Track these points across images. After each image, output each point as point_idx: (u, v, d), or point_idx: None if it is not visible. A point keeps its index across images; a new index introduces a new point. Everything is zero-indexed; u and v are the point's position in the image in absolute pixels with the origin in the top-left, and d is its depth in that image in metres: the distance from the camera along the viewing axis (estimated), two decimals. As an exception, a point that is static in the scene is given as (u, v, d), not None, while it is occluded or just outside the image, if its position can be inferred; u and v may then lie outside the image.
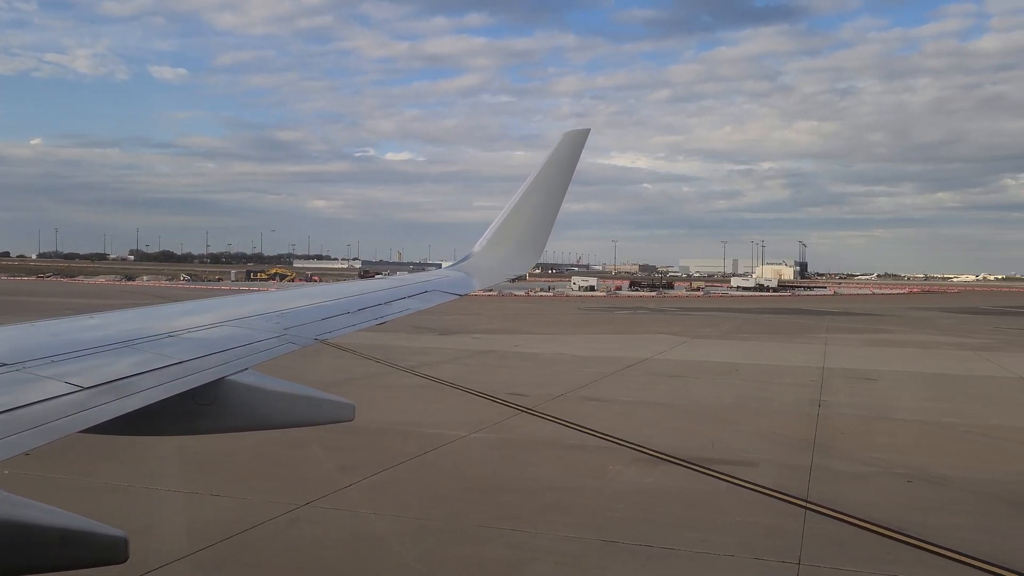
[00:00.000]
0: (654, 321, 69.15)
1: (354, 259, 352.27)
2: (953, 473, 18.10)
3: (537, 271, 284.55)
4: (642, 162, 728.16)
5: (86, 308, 8.15)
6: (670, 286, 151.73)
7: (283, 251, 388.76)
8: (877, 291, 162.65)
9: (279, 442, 18.00)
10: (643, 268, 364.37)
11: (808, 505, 15.32)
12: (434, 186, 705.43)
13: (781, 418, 24.42)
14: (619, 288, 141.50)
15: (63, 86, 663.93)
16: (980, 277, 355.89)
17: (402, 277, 9.42)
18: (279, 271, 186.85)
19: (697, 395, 28.69)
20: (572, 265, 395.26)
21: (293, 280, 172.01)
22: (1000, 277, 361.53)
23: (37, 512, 3.02)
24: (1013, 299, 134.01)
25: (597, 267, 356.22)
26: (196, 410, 4.46)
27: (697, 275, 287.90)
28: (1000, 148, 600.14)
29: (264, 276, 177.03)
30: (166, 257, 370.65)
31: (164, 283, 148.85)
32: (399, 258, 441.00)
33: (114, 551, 3.08)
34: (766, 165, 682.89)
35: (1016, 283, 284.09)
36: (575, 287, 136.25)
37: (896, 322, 73.36)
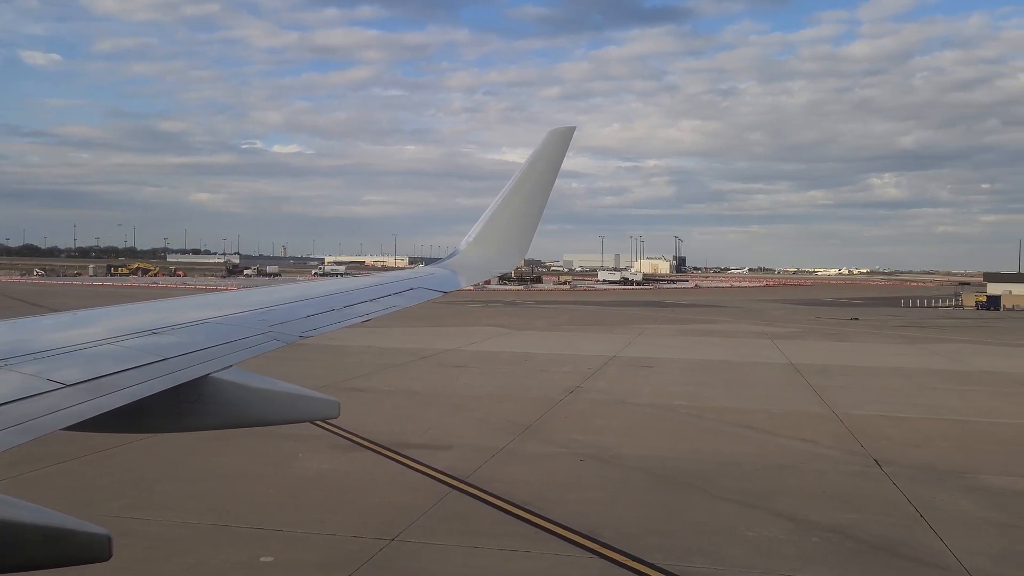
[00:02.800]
0: (497, 314, 70.05)
1: (234, 253, 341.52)
2: (633, 452, 19.16)
3: (422, 264, 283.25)
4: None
5: None
6: (539, 280, 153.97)
7: (157, 245, 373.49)
8: (737, 284, 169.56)
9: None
10: (528, 263, 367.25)
11: (460, 485, 15.98)
12: (323, 180, 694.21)
13: (522, 404, 25.24)
14: (488, 282, 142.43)
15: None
16: (846, 271, 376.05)
17: (389, 274, 9.23)
18: (142, 265, 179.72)
19: (462, 384, 29.31)
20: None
21: (156, 275, 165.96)
22: (864, 271, 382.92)
23: (19, 510, 2.96)
24: (860, 291, 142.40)
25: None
26: (180, 407, 4.45)
27: (580, 269, 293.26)
28: (868, 149, 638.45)
29: (126, 271, 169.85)
30: (29, 251, 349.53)
31: (16, 278, 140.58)
32: (283, 253, 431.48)
33: (97, 549, 3.02)
34: (652, 163, 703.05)
35: (875, 277, 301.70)
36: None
37: (728, 313, 76.78)
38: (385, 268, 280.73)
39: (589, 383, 30.06)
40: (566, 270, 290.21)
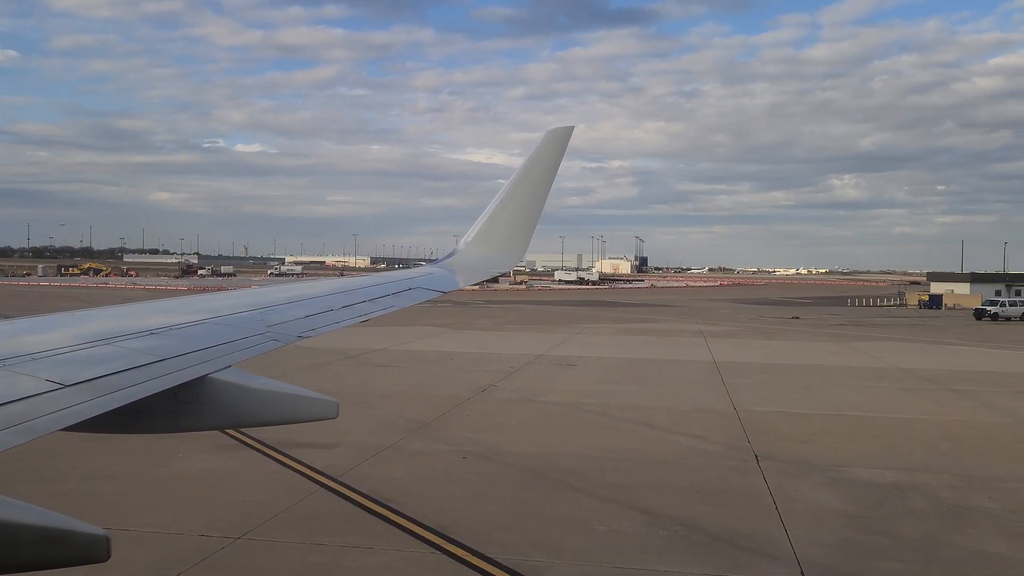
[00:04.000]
0: (442, 313, 69.98)
1: (193, 253, 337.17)
2: (519, 450, 19.29)
3: (383, 265, 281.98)
4: (498, 158, 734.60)
5: None
6: (495, 280, 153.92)
7: (114, 245, 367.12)
8: (693, 284, 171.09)
9: None
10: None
11: (329, 483, 16.00)
12: (287, 179, 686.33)
13: (429, 403, 25.27)
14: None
15: None
16: (807, 271, 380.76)
17: (387, 274, 9.03)
18: (93, 266, 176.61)
19: (376, 384, 29.24)
20: (421, 260, 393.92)
21: (108, 275, 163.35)
22: (824, 271, 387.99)
23: (17, 511, 2.92)
24: (812, 291, 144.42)
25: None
26: (179, 408, 4.39)
27: (542, 269, 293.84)
28: (828, 150, 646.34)
29: (77, 271, 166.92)
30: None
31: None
32: (245, 253, 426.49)
33: (95, 550, 2.98)
34: (616, 163, 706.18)
35: (831, 277, 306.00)
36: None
37: (673, 313, 77.48)
38: (346, 268, 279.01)
39: (505, 382, 30.19)
40: (528, 270, 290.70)
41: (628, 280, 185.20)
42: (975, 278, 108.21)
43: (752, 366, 36.29)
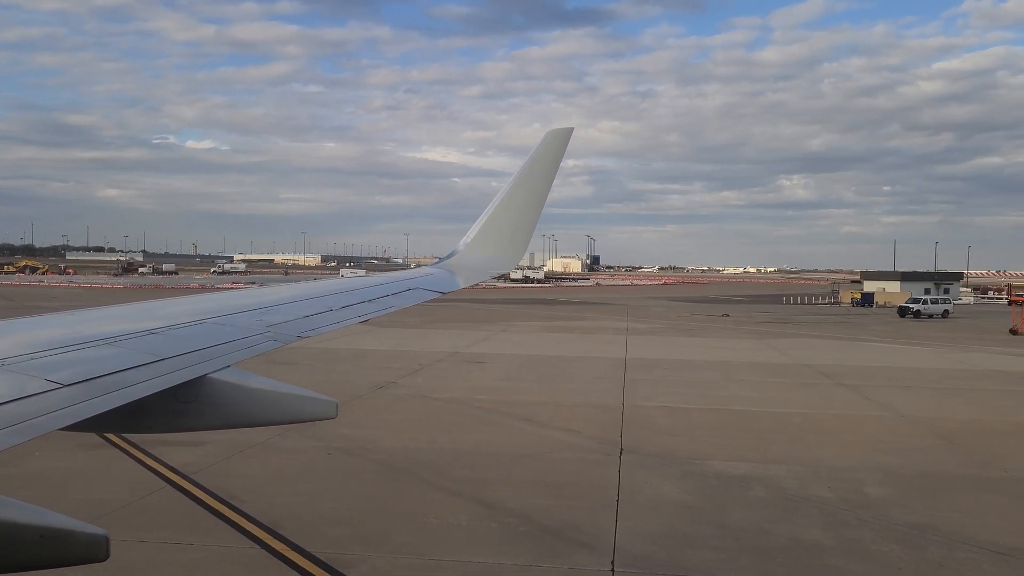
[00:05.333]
0: (375, 312, 69.62)
1: (139, 251, 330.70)
2: (390, 445, 19.38)
3: (333, 263, 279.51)
4: (453, 156, 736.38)
5: None
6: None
7: (58, 242, 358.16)
8: (638, 283, 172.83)
9: None
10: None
11: (180, 481, 15.91)
12: (239, 176, 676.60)
13: (319, 400, 25.15)
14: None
15: None
16: (755, 270, 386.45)
17: (387, 275, 8.87)
18: (30, 263, 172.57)
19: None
20: (374, 258, 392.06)
21: (46, 273, 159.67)
22: (772, 270, 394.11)
23: (15, 510, 2.87)
24: (753, 289, 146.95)
25: (398, 260, 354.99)
26: (178, 407, 4.34)
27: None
28: (778, 151, 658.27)
29: (12, 269, 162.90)
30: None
31: None
32: (194, 250, 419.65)
33: (95, 550, 2.94)
34: (571, 163, 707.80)
35: (778, 275, 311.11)
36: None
37: (607, 310, 78.20)
38: (295, 267, 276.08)
39: (407, 379, 30.24)
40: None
41: (575, 278, 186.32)
42: (905, 277, 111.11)
43: (660, 362, 36.84)
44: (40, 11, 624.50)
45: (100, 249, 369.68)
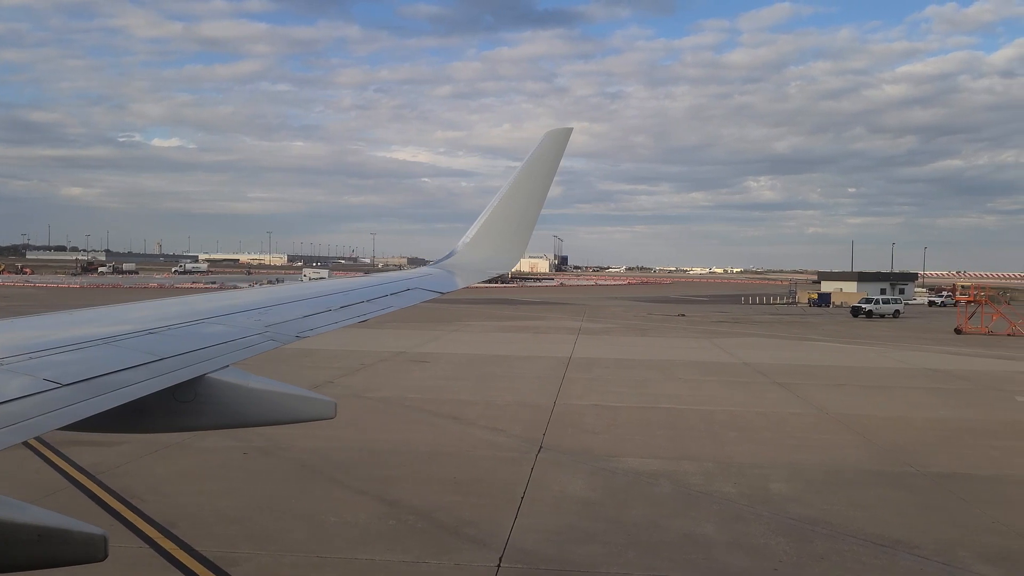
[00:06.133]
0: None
1: (103, 250, 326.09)
2: (307, 445, 19.21)
3: (299, 263, 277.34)
4: (423, 156, 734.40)
5: None
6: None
7: (17, 241, 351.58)
8: (602, 283, 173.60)
9: None
10: (412, 261, 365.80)
11: (84, 481, 15.77)
12: (206, 175, 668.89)
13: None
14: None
15: None
16: (722, 270, 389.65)
17: (386, 275, 8.80)
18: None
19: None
20: (342, 258, 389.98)
21: (2, 272, 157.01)
22: (738, 270, 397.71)
23: (14, 509, 2.87)
24: (716, 289, 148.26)
25: (366, 260, 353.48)
26: (177, 407, 4.34)
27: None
28: (745, 153, 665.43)
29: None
30: None
31: None
32: (158, 249, 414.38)
33: (93, 549, 2.93)
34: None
35: (743, 276, 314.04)
36: (305, 278, 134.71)
37: (565, 310, 78.57)
38: (260, 266, 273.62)
39: (346, 379, 30.18)
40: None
41: (539, 279, 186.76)
42: (861, 277, 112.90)
43: (603, 361, 37.11)
44: (3, 6, 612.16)
45: (62, 248, 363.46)
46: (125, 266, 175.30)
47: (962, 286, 76.67)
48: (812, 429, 22.64)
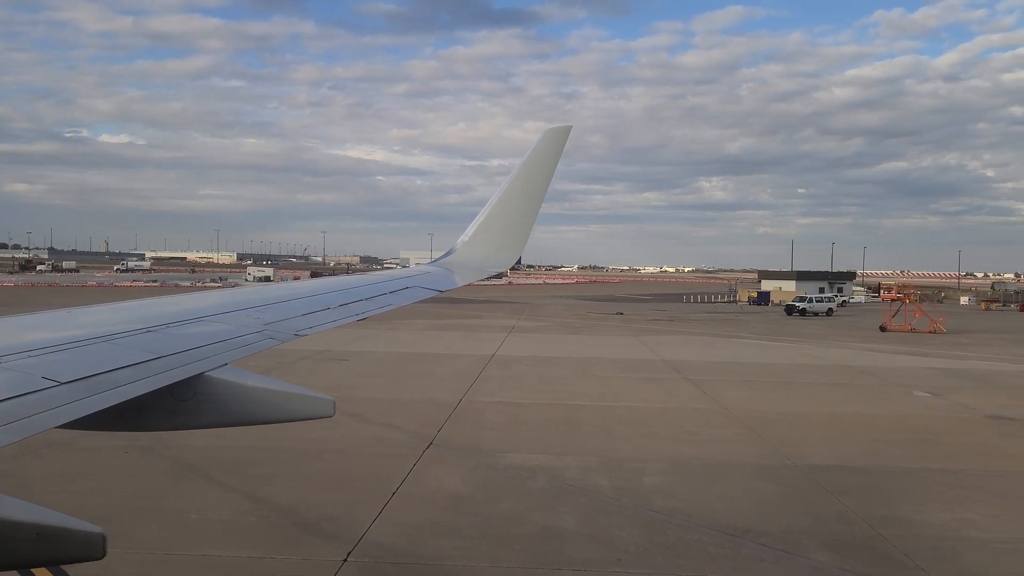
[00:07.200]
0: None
1: (46, 248, 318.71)
2: (192, 443, 18.88)
3: (249, 262, 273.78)
4: (378, 155, 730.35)
5: None
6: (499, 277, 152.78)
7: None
8: (550, 282, 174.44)
9: None
10: (364, 260, 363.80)
11: (-54, 481, 15.48)
12: (157, 172, 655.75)
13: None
14: (297, 278, 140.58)
15: None
16: (674, 269, 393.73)
17: (384, 273, 8.77)
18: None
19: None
20: (293, 256, 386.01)
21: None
22: (690, 269, 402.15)
23: (13, 508, 2.88)
24: (662, 288, 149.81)
25: (317, 259, 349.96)
26: (175, 406, 4.32)
27: (417, 266, 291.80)
28: (698, 153, 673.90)
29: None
30: None
31: None
32: (105, 248, 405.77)
33: (91, 548, 2.93)
34: (496, 162, 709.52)
35: (693, 275, 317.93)
36: (250, 277, 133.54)
37: (506, 309, 78.76)
38: (209, 264, 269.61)
39: (257, 377, 29.93)
40: (401, 267, 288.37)
41: (490, 277, 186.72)
42: (800, 276, 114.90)
43: (524, 359, 37.38)
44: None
45: (4, 246, 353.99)
46: (65, 264, 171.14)
47: (900, 285, 78.57)
48: (707, 424, 23.11)
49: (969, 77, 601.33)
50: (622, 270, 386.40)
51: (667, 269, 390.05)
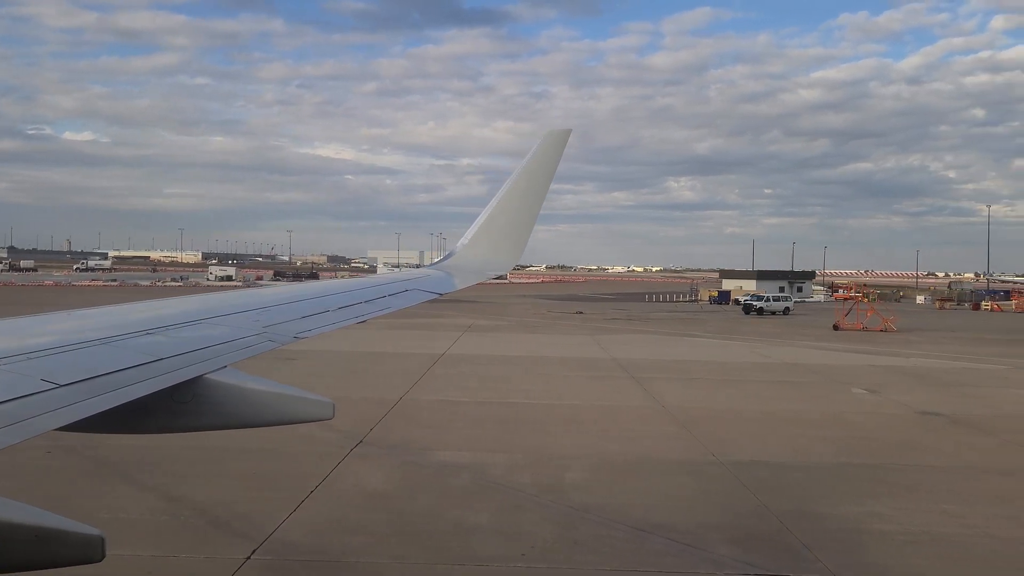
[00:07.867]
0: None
1: (5, 247, 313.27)
2: (124, 443, 18.87)
3: (214, 261, 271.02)
4: (347, 154, 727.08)
5: None
6: (315, 276, 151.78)
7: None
8: (516, 280, 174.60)
9: None
10: (331, 259, 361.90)
11: None
12: (122, 170, 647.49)
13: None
14: (260, 278, 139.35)
15: None
16: (642, 269, 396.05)
17: (385, 275, 8.68)
18: None
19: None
20: (259, 255, 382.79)
21: None
22: (658, 269, 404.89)
23: (11, 510, 2.87)
24: (626, 287, 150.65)
25: (284, 258, 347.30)
26: (175, 408, 4.30)
27: (384, 266, 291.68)
28: (666, 154, 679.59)
29: None
30: None
31: None
32: (68, 246, 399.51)
33: (90, 550, 2.95)
34: (466, 161, 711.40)
35: (660, 274, 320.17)
36: (212, 276, 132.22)
37: (467, 308, 78.68)
38: (173, 263, 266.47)
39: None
40: (368, 267, 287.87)
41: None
42: (761, 275, 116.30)
43: (477, 358, 37.44)
44: None
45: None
46: (23, 263, 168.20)
47: (855, 285, 79.65)
48: (642, 421, 23.31)
49: (932, 80, 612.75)
50: (590, 270, 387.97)
51: (635, 269, 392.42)
